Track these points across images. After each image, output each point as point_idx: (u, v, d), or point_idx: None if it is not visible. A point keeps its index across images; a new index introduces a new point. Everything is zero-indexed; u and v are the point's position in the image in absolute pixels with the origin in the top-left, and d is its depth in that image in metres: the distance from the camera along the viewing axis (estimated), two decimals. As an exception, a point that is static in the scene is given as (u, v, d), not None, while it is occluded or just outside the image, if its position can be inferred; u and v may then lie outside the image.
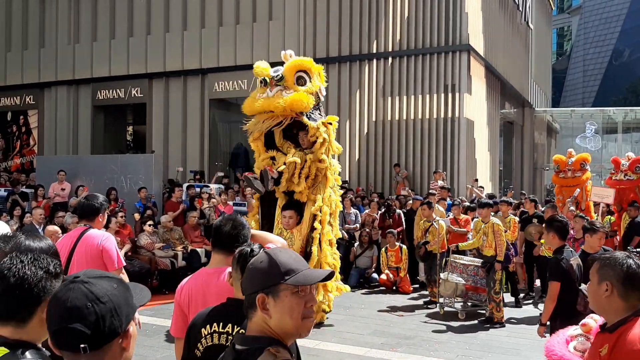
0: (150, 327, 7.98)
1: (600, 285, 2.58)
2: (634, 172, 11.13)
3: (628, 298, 2.52)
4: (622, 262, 2.55)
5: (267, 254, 1.85)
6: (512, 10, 23.31)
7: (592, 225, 5.63)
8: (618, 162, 11.54)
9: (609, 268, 2.57)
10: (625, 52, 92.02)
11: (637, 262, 2.54)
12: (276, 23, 17.78)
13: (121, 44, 19.85)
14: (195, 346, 2.57)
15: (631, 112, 31.84)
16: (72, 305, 1.49)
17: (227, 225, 3.09)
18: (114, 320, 1.51)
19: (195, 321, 2.62)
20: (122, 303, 1.55)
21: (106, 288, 1.54)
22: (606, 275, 2.57)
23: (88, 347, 1.48)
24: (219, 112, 19.79)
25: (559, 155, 12.15)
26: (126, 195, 13.02)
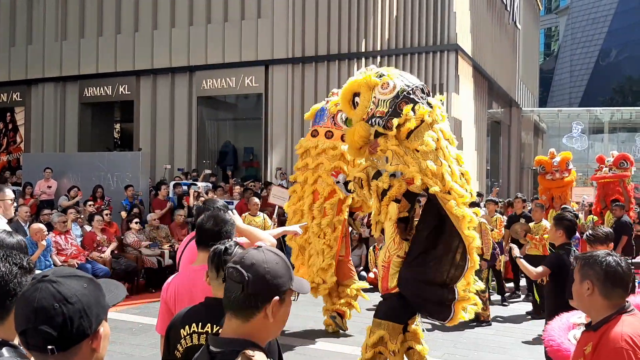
0: (137, 326, 7.95)
1: (582, 284, 2.60)
2: (618, 167, 11.23)
3: (610, 296, 2.54)
4: (602, 260, 2.57)
5: (279, 255, 1.82)
6: (500, 10, 23.43)
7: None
8: (603, 159, 11.64)
9: (589, 267, 2.59)
10: (613, 52, 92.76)
11: (616, 260, 2.57)
12: (265, 21, 17.75)
13: (109, 41, 19.72)
14: (175, 347, 2.55)
15: (617, 112, 32.14)
16: (39, 305, 1.44)
17: (209, 222, 3.08)
18: (82, 322, 1.47)
19: (174, 322, 2.60)
20: (92, 303, 1.50)
21: (75, 288, 1.49)
22: (587, 274, 2.59)
23: (56, 349, 1.44)
24: (207, 110, 19.74)
25: (541, 157, 12.20)
26: (113, 193, 12.96)
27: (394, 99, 5.00)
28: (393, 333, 5.23)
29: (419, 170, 4.91)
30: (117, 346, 6.98)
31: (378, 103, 5.04)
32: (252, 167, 19.73)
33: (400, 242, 5.23)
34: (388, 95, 5.05)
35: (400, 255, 5.24)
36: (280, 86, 17.61)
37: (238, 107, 21.40)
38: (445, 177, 4.86)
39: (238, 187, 14.07)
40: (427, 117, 5.00)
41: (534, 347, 7.19)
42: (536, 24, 37.55)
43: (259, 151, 18.80)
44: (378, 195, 5.16)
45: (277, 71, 17.70)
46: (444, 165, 4.91)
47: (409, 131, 4.95)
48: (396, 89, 5.03)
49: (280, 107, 17.58)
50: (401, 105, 4.97)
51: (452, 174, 4.96)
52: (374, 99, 5.07)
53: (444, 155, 5.03)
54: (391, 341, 5.20)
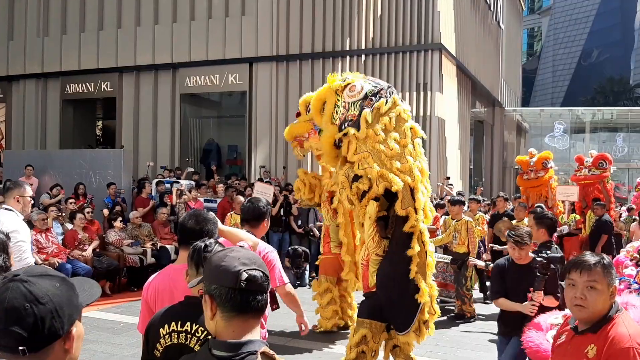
0: (118, 325, 7.89)
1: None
2: (597, 167, 11.36)
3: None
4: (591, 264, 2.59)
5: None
6: (483, 10, 23.58)
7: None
8: (582, 159, 11.77)
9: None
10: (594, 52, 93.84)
11: (604, 264, 2.60)
12: (249, 18, 17.69)
13: (91, 37, 19.53)
14: (154, 346, 2.53)
15: (599, 112, 32.53)
16: (9, 306, 1.41)
17: (191, 221, 3.04)
18: (54, 322, 1.44)
19: (153, 321, 2.58)
20: (65, 303, 1.47)
21: (47, 288, 1.46)
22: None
23: (27, 350, 1.41)
24: (190, 107, 19.64)
25: (520, 157, 12.32)
26: (95, 191, 12.84)
27: (362, 100, 5.13)
28: (375, 332, 5.25)
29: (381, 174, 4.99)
30: (99, 345, 6.92)
31: (348, 107, 5.15)
32: (236, 165, 19.67)
33: (379, 240, 5.26)
34: (357, 97, 5.18)
35: (379, 253, 5.28)
36: (265, 84, 17.56)
37: (222, 105, 21.33)
38: (414, 172, 4.94)
39: (222, 185, 14.02)
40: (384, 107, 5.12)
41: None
42: (519, 24, 37.84)
43: (243, 149, 18.75)
44: (358, 197, 5.18)
45: (261, 69, 17.65)
46: (409, 162, 5.04)
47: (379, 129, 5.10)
48: (364, 90, 5.17)
49: (264, 105, 17.53)
50: (366, 104, 5.12)
51: (421, 171, 5.07)
52: (344, 104, 5.19)
53: (415, 152, 5.10)
54: (373, 340, 5.21)
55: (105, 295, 9.49)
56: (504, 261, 4.73)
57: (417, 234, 5.09)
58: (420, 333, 5.32)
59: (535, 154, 11.84)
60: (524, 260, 4.60)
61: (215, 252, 1.89)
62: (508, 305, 4.55)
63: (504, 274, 4.62)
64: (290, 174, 16.23)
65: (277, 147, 17.35)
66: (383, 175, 4.99)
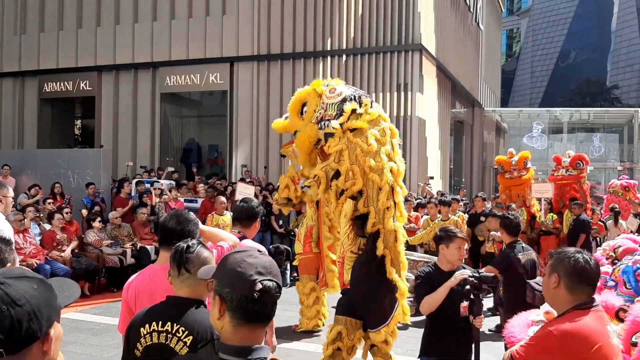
0: (98, 326, 7.82)
1: (550, 277, 2.70)
2: (574, 168, 11.52)
3: (574, 291, 2.63)
4: (571, 256, 2.67)
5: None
6: (463, 11, 23.77)
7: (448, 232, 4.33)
8: (559, 159, 11.93)
9: (558, 261, 2.69)
10: (572, 54, 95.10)
11: (585, 258, 2.66)
12: (230, 17, 17.64)
13: (69, 35, 19.32)
14: (134, 346, 2.53)
15: (576, 113, 32.99)
16: None
17: (172, 221, 3.03)
18: (32, 324, 1.42)
19: (134, 321, 2.58)
20: (42, 305, 1.46)
21: (24, 289, 1.44)
22: (555, 268, 2.69)
23: (5, 352, 1.39)
24: (170, 106, 19.52)
25: (500, 156, 12.46)
26: (73, 190, 12.70)
27: (340, 103, 5.25)
28: (350, 328, 5.27)
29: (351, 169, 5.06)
30: (78, 347, 6.86)
31: (327, 107, 5.27)
32: (216, 165, 19.60)
33: (354, 238, 5.30)
34: (335, 99, 5.31)
35: (354, 250, 5.32)
36: (246, 83, 17.53)
37: (202, 104, 21.24)
38: (384, 172, 5.01)
39: (202, 185, 13.96)
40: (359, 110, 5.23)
41: (495, 344, 7.32)
42: (498, 26, 38.22)
43: (224, 149, 18.69)
44: (336, 195, 5.22)
45: (242, 68, 17.62)
46: (383, 161, 5.07)
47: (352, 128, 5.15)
48: (343, 94, 5.29)
49: (245, 105, 17.50)
50: (347, 105, 5.23)
51: (397, 171, 5.11)
52: (322, 104, 5.31)
53: (393, 152, 5.18)
54: (348, 337, 5.24)
55: (85, 296, 9.40)
56: (429, 269, 4.23)
57: (385, 233, 5.11)
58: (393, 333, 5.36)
59: (515, 154, 11.98)
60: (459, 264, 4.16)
61: (232, 253, 1.87)
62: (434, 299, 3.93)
63: (431, 282, 4.06)
64: (272, 174, 16.23)
65: (259, 146, 17.33)
66: (353, 171, 5.04)
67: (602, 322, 2.60)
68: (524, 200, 11.35)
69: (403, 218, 5.23)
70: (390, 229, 5.07)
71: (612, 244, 6.50)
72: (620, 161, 30.35)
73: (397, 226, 5.11)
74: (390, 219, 5.07)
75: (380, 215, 5.07)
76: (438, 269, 4.13)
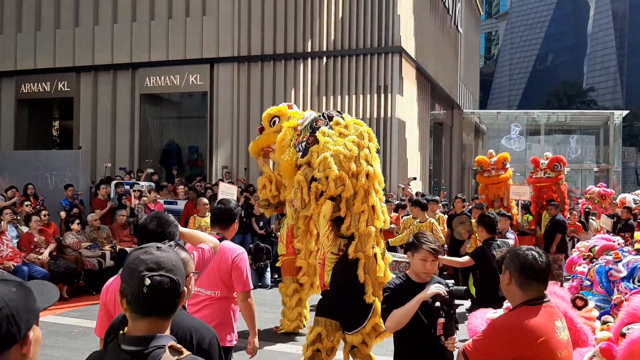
0: (76, 329, 7.75)
1: (504, 275, 2.80)
2: (552, 170, 11.69)
3: (524, 288, 2.72)
4: (522, 254, 2.76)
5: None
6: (442, 14, 23.97)
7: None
8: (537, 161, 12.08)
9: (510, 259, 2.80)
10: (549, 57, 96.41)
11: (535, 256, 2.75)
12: (210, 19, 17.59)
13: (47, 35, 19.10)
14: None
15: (553, 115, 33.45)
16: None
17: (152, 223, 3.04)
18: (11, 327, 1.43)
19: (113, 324, 2.58)
20: (21, 308, 1.46)
21: (3, 293, 1.45)
22: (508, 266, 2.79)
23: None
24: (150, 107, 19.39)
25: (480, 157, 12.64)
26: (51, 192, 12.56)
27: (310, 123, 5.61)
28: (330, 330, 5.30)
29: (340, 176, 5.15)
30: (56, 350, 6.80)
31: (301, 133, 5.61)
32: (196, 166, 19.51)
33: (334, 239, 5.33)
34: (305, 122, 5.71)
35: (334, 252, 5.35)
36: (226, 85, 17.49)
37: (182, 105, 21.13)
38: (360, 176, 5.14)
39: (182, 186, 13.90)
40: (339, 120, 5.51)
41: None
42: (477, 28, 38.59)
43: (204, 150, 18.62)
44: (316, 196, 5.26)
45: (222, 70, 17.57)
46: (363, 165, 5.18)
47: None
48: (310, 117, 5.72)
49: (225, 106, 17.46)
50: (318, 122, 5.51)
51: (373, 175, 5.21)
52: (297, 132, 5.68)
53: (371, 155, 5.30)
54: (328, 338, 5.26)
55: (63, 299, 9.30)
56: (399, 280, 3.68)
57: (359, 236, 5.16)
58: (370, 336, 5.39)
59: (494, 154, 12.17)
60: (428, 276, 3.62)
61: (132, 250, 1.96)
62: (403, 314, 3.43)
63: (400, 294, 3.53)
64: (252, 175, 16.21)
65: (239, 148, 17.29)
66: (341, 178, 5.11)
67: (550, 317, 2.68)
68: (502, 200, 11.50)
69: (380, 222, 5.27)
70: (365, 232, 5.12)
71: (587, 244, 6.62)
72: (597, 163, 30.84)
73: (372, 230, 5.16)
74: (364, 223, 5.13)
75: (356, 219, 5.13)
76: (409, 280, 3.61)
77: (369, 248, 5.16)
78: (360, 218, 5.14)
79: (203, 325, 2.46)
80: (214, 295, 3.87)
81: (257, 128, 7.99)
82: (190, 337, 2.35)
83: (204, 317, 3.28)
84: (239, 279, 3.88)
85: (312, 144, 5.40)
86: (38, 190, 12.42)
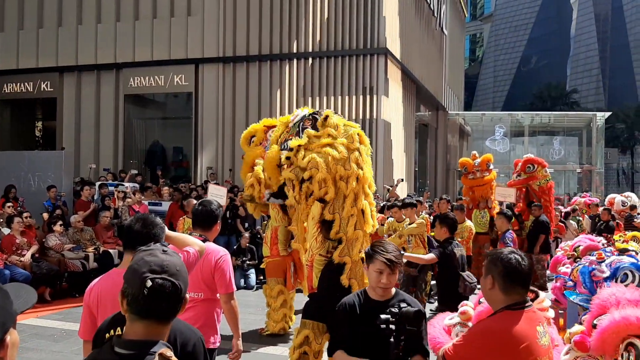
0: (59, 332, 7.66)
1: (486, 279, 2.75)
2: (525, 171, 11.78)
3: (508, 292, 2.68)
4: (505, 258, 2.71)
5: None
6: (427, 16, 24.08)
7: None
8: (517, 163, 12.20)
9: (492, 263, 2.74)
10: (533, 59, 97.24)
11: (517, 259, 2.71)
12: (195, 19, 17.51)
13: (30, 35, 18.90)
14: None
15: (537, 117, 33.75)
16: None
17: (137, 224, 3.02)
18: None
19: (101, 327, 2.56)
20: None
21: None
22: (490, 270, 2.74)
23: None
24: (134, 108, 19.27)
25: (464, 159, 12.69)
26: (34, 194, 12.42)
27: (300, 121, 5.57)
28: (318, 332, 5.28)
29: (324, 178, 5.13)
30: (38, 354, 6.71)
31: (290, 130, 5.59)
32: (181, 167, 19.41)
33: (323, 241, 5.31)
34: (295, 120, 5.68)
35: (322, 254, 5.32)
36: (211, 85, 17.43)
37: (167, 106, 21.02)
38: (351, 180, 5.12)
39: (167, 187, 13.82)
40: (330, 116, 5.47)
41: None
42: (462, 30, 38.81)
43: (189, 151, 18.53)
44: (306, 196, 5.24)
45: (207, 70, 17.50)
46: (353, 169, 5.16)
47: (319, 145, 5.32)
48: (301, 114, 5.67)
49: (210, 107, 17.39)
50: (305, 123, 5.47)
51: (363, 178, 5.19)
52: (287, 128, 5.68)
53: (362, 158, 5.27)
54: (316, 341, 5.24)
55: (45, 302, 9.20)
56: (355, 298, 3.27)
57: (346, 241, 5.14)
58: None
59: (478, 156, 12.22)
60: (389, 292, 3.21)
61: (137, 252, 1.95)
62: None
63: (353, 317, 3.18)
64: (237, 177, 16.14)
65: (224, 149, 17.23)
66: (325, 180, 5.08)
67: (532, 322, 2.65)
68: (486, 202, 11.56)
69: (369, 226, 5.26)
70: (352, 236, 5.11)
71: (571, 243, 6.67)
72: (580, 164, 31.16)
73: (360, 234, 5.14)
74: (352, 227, 5.11)
75: (345, 223, 5.11)
76: (367, 298, 3.22)
77: (355, 252, 5.13)
78: (349, 222, 5.12)
79: (188, 327, 2.44)
80: (197, 297, 3.84)
81: (242, 129, 7.97)
82: (174, 340, 2.32)
83: (188, 319, 3.26)
84: (222, 281, 3.85)
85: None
86: (20, 191, 12.28)
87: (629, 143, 64.60)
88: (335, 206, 5.15)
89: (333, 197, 5.14)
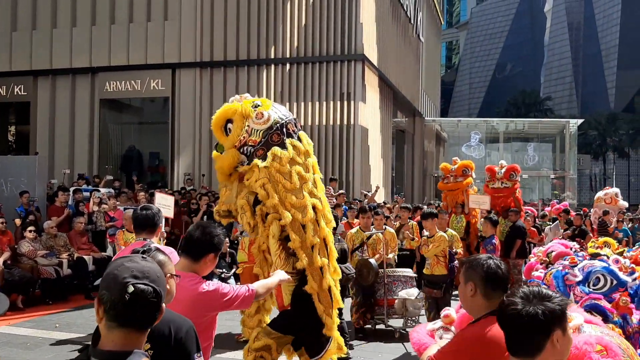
0: (32, 340, 7.52)
1: (466, 286, 2.76)
2: (509, 179, 11.91)
3: (490, 297, 2.69)
4: (484, 263, 2.74)
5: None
6: (404, 23, 24.28)
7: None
8: (493, 170, 12.26)
9: (472, 269, 2.76)
10: (508, 66, 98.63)
11: (496, 263, 2.74)
12: (172, 23, 17.43)
13: (3, 38, 18.62)
14: None
15: (512, 123, 34.25)
16: None
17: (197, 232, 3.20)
18: None
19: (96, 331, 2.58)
20: None
21: None
22: (470, 276, 2.75)
23: None
24: (110, 112, 19.08)
25: (445, 164, 12.80)
26: (6, 199, 12.21)
27: (267, 130, 5.05)
28: (280, 344, 5.25)
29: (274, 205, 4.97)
30: (10, 362, 6.59)
31: (251, 132, 5.06)
32: (157, 173, 19.26)
33: (286, 257, 5.23)
34: (262, 126, 5.09)
35: (288, 270, 5.26)
36: (188, 90, 17.35)
37: (143, 111, 20.86)
38: (308, 209, 4.99)
39: (143, 193, 13.68)
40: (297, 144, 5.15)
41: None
42: (438, 38, 39.20)
43: (166, 156, 18.40)
44: (263, 218, 5.17)
45: (184, 75, 17.42)
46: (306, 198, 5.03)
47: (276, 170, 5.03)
48: (270, 120, 5.05)
49: (187, 112, 17.30)
50: (274, 137, 5.05)
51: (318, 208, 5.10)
52: (247, 128, 5.08)
53: (316, 188, 5.15)
54: (277, 351, 5.20)
55: (18, 309, 9.03)
56: None
57: (311, 271, 5.11)
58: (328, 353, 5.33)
59: (458, 161, 12.32)
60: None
61: (117, 258, 1.93)
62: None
63: None
64: (214, 182, 16.07)
65: (201, 154, 17.15)
66: (275, 207, 4.98)
67: None
68: (462, 207, 11.67)
69: (332, 253, 5.26)
70: (317, 265, 5.08)
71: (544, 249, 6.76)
72: (553, 170, 31.64)
73: (324, 262, 5.12)
74: (317, 255, 5.08)
75: (309, 253, 5.05)
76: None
77: (324, 282, 5.12)
78: (314, 252, 5.07)
79: (180, 316, 2.48)
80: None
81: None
82: (169, 329, 2.36)
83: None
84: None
85: (260, 157, 4.99)
86: (-8, 196, 12.08)
87: (601, 149, 65.79)
88: (293, 231, 5.01)
89: (287, 223, 5.05)
